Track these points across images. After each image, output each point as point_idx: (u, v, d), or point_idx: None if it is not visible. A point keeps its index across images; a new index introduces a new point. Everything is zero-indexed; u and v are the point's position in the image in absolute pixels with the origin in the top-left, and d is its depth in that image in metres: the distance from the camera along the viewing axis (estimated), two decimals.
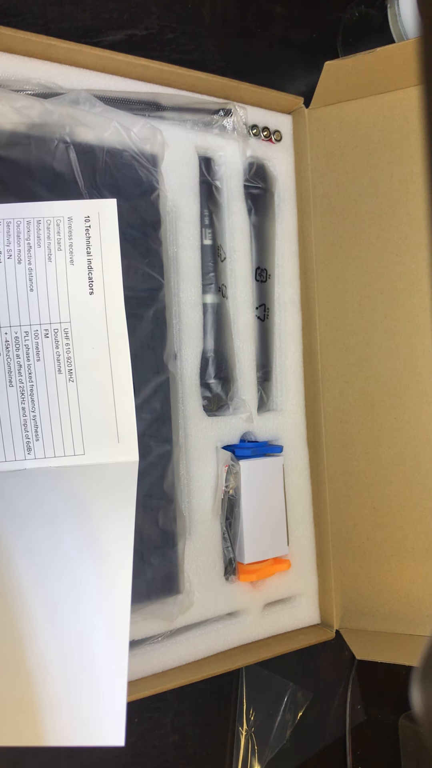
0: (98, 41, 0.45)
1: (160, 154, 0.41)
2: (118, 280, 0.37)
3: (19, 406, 0.36)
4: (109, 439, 0.37)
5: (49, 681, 0.29)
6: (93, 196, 0.38)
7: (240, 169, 0.47)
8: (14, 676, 0.29)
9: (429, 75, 0.17)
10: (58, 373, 0.36)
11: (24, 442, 0.36)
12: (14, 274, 0.35)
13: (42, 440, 0.36)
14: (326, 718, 0.53)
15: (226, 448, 0.46)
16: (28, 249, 0.36)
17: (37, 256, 0.36)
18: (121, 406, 0.37)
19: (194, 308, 0.44)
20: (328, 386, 0.50)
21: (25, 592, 0.31)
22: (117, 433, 0.37)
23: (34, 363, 0.36)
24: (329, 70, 0.45)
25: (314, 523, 0.50)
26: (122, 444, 0.37)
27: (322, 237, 0.50)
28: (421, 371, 0.46)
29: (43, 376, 0.36)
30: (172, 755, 0.46)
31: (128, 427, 0.37)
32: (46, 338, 0.36)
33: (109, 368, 0.37)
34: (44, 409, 0.36)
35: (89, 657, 0.30)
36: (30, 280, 0.36)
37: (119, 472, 0.36)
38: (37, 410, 0.36)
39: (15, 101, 0.37)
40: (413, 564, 0.46)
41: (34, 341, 0.36)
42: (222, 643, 0.45)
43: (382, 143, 0.47)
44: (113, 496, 0.35)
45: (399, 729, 0.57)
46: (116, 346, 0.37)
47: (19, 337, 0.36)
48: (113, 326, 0.37)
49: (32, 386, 0.36)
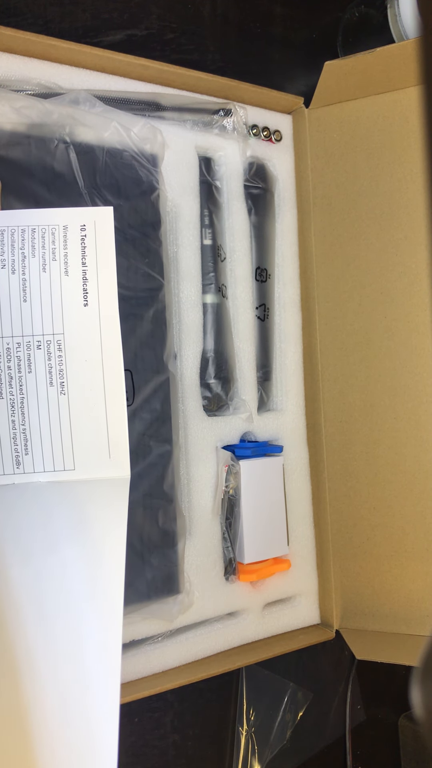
0: (98, 41, 0.45)
1: (160, 154, 0.41)
2: (113, 292, 0.36)
3: (9, 419, 0.35)
4: (100, 454, 0.36)
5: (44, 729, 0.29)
6: (93, 196, 0.38)
7: (240, 169, 0.47)
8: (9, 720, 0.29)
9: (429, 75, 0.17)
10: (50, 385, 0.35)
11: (13, 456, 0.35)
12: (8, 285, 0.35)
13: (31, 454, 0.35)
14: (326, 718, 0.53)
15: (226, 448, 0.46)
16: (23, 259, 0.35)
17: (31, 266, 0.35)
18: (113, 421, 0.36)
19: (194, 308, 0.44)
20: (328, 386, 0.50)
21: (10, 613, 0.31)
22: (108, 448, 0.36)
23: (25, 375, 0.35)
24: (329, 70, 0.45)
25: (314, 523, 0.50)
26: (113, 459, 0.36)
27: (322, 237, 0.50)
28: (420, 371, 0.46)
29: (34, 388, 0.35)
30: (172, 755, 0.46)
31: (120, 442, 0.36)
32: (39, 350, 0.35)
33: (101, 382, 0.36)
34: (34, 423, 0.35)
35: (81, 700, 0.30)
36: (24, 290, 0.35)
37: (110, 488, 0.36)
38: (27, 423, 0.35)
39: (15, 101, 0.37)
40: (413, 564, 0.46)
41: (26, 353, 0.35)
42: (222, 643, 0.45)
43: (382, 143, 0.47)
44: (104, 513, 0.34)
45: (399, 729, 0.57)
46: (110, 359, 0.36)
47: (11, 349, 0.35)
48: (107, 339, 0.36)
49: (23, 399, 0.35)
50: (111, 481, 0.36)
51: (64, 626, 0.31)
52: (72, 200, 0.38)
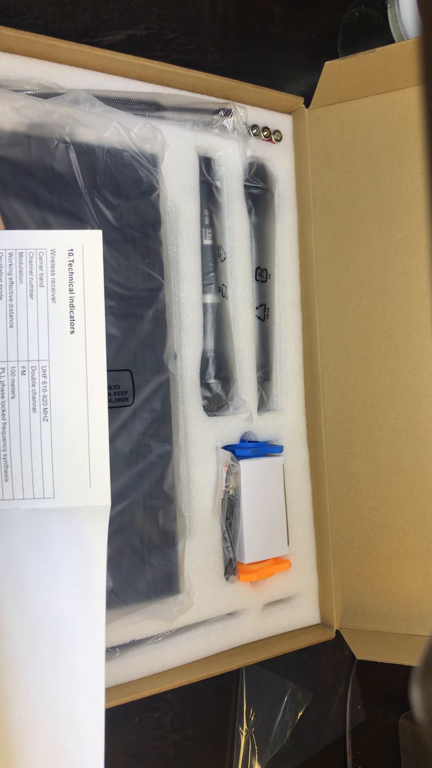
0: (98, 41, 0.45)
1: (160, 154, 0.41)
2: (100, 319, 0.36)
3: None
4: (81, 482, 0.35)
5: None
6: (93, 196, 0.38)
7: (240, 169, 0.47)
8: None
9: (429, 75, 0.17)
10: (33, 411, 0.35)
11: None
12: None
13: (11, 481, 0.35)
14: (326, 718, 0.53)
15: (226, 448, 0.46)
16: (10, 284, 0.35)
17: (18, 291, 0.35)
18: (95, 449, 0.35)
19: (194, 308, 0.44)
20: (328, 386, 0.50)
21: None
22: (89, 476, 0.35)
23: (8, 400, 0.35)
24: (329, 70, 0.45)
25: (314, 523, 0.50)
26: (94, 488, 0.35)
27: (322, 237, 0.50)
28: (421, 371, 0.46)
29: (17, 414, 0.35)
30: (172, 755, 0.46)
31: (101, 470, 0.35)
32: (23, 375, 0.35)
33: (85, 409, 0.35)
34: (15, 449, 0.35)
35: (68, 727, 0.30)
36: (10, 316, 0.35)
37: (89, 517, 0.35)
38: (8, 449, 0.35)
39: (15, 101, 0.36)
40: (413, 564, 0.46)
41: (10, 378, 0.35)
42: (222, 643, 0.45)
43: (382, 143, 0.47)
44: (83, 542, 0.34)
45: (399, 729, 0.57)
46: (94, 386, 0.35)
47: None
48: (92, 366, 0.35)
49: (5, 424, 0.35)
50: (91, 509, 0.35)
51: (47, 644, 0.31)
52: (72, 200, 0.38)
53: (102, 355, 0.36)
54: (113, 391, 0.39)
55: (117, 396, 0.39)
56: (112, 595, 0.38)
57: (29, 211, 0.36)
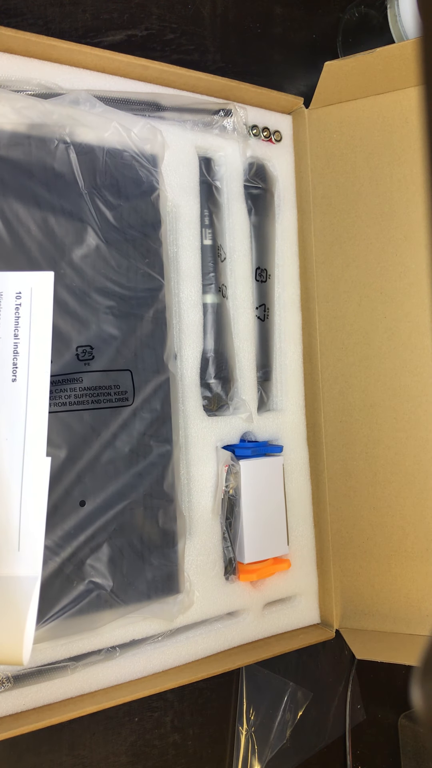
0: (98, 41, 0.45)
1: (160, 154, 0.42)
2: (45, 366, 0.33)
3: None
4: (7, 546, 0.32)
5: None
6: (93, 196, 0.38)
7: (240, 170, 0.47)
8: None
9: (429, 75, 0.17)
10: None
11: None
12: None
13: None
14: (326, 718, 0.53)
15: (226, 448, 0.46)
16: None
17: None
18: (28, 509, 0.32)
19: (194, 308, 0.44)
20: (328, 386, 0.50)
21: None
22: (18, 539, 0.32)
23: None
24: (329, 70, 0.45)
25: (314, 523, 0.50)
26: (22, 553, 0.32)
27: (322, 237, 0.50)
28: (421, 371, 0.46)
29: None
30: (172, 755, 0.46)
31: (33, 535, 0.32)
32: None
33: (20, 464, 0.33)
34: None
35: None
36: None
37: (12, 589, 0.32)
38: None
39: (15, 101, 0.36)
40: (413, 564, 0.46)
41: None
42: (222, 643, 0.45)
43: (382, 143, 0.47)
44: (5, 616, 0.31)
45: (399, 729, 0.57)
46: (33, 438, 0.33)
47: None
48: (32, 419, 0.33)
49: None
50: (16, 579, 0.32)
51: None
52: (72, 200, 0.38)
53: (44, 406, 0.33)
54: (113, 390, 0.39)
55: (117, 396, 0.39)
56: (112, 594, 0.38)
57: (29, 212, 0.36)
